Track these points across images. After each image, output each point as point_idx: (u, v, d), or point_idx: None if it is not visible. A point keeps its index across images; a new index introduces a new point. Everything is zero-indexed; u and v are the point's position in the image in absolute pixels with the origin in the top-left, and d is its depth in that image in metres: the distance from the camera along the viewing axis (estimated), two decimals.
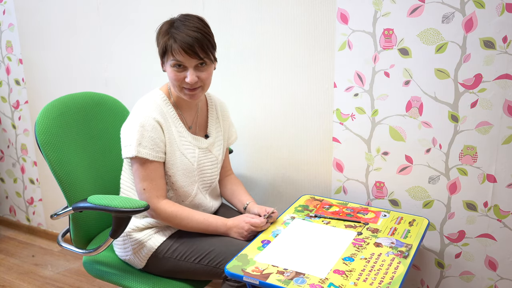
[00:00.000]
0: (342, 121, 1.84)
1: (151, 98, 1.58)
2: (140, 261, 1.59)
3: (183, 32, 1.46)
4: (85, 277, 2.44)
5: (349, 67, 1.77)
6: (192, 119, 1.66)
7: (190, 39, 1.45)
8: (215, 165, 1.69)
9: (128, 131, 1.54)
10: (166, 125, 1.55)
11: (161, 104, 1.57)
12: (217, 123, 1.74)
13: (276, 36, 1.88)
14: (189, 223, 1.55)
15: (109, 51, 2.30)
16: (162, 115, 1.55)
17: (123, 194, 1.65)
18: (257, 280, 1.30)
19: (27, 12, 2.50)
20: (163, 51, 1.51)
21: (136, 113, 1.55)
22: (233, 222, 1.56)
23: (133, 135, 1.51)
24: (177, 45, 1.45)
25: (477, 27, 1.55)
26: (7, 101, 2.75)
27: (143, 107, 1.55)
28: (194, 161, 1.61)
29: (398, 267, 1.37)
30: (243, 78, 1.99)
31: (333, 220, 1.64)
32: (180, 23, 1.49)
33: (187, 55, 1.46)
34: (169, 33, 1.48)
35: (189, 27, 1.47)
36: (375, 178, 1.84)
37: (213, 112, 1.73)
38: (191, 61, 1.48)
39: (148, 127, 1.51)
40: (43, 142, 1.58)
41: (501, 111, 1.59)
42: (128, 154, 1.52)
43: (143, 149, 1.50)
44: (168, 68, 1.51)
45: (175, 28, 1.48)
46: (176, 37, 1.46)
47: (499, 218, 1.68)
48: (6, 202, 2.99)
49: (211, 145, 1.68)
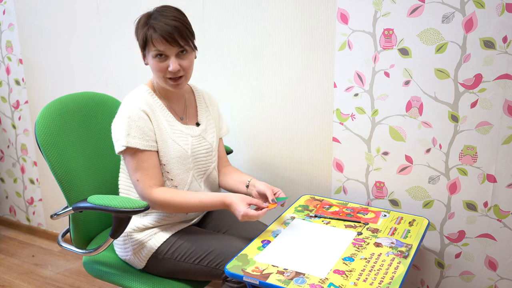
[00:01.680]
0: (342, 121, 1.84)
1: (136, 93, 1.60)
2: (140, 262, 1.59)
3: (161, 22, 1.49)
4: (85, 277, 2.44)
5: (349, 67, 1.77)
6: (182, 110, 1.67)
7: (169, 28, 1.48)
8: (209, 152, 1.69)
9: (116, 126, 1.55)
10: (153, 114, 1.56)
11: (146, 96, 1.59)
12: (207, 111, 1.75)
13: (276, 36, 1.88)
14: (184, 208, 1.54)
15: (109, 51, 2.30)
16: (148, 106, 1.56)
17: (123, 195, 1.65)
18: (257, 280, 1.30)
19: (27, 12, 2.50)
20: (143, 43, 1.52)
21: (122, 108, 1.56)
22: (231, 200, 1.49)
23: (121, 128, 1.52)
24: (157, 34, 1.48)
25: (477, 27, 1.55)
26: (7, 101, 2.75)
27: (128, 101, 1.57)
28: (187, 148, 1.61)
29: (398, 267, 1.37)
30: (243, 78, 1.99)
31: (333, 220, 1.64)
32: (158, 14, 1.52)
33: (168, 43, 1.49)
34: (147, 24, 1.51)
35: (167, 17, 1.50)
36: (375, 178, 1.84)
37: (201, 101, 1.75)
38: (172, 49, 1.50)
39: (134, 117, 1.52)
40: (43, 142, 1.58)
41: (501, 111, 1.59)
42: (119, 148, 1.53)
43: (132, 139, 1.51)
44: (150, 60, 1.54)
45: (153, 19, 1.51)
46: (155, 27, 1.48)
47: (499, 218, 1.68)
48: (6, 202, 2.99)
49: (203, 131, 1.69)
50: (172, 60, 1.51)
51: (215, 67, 2.03)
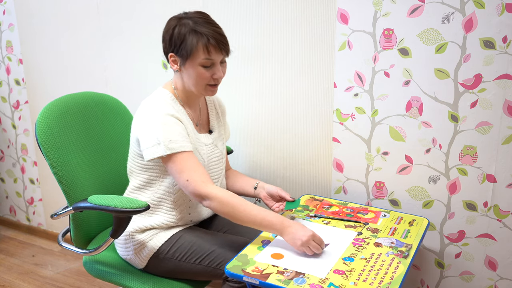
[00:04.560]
0: (342, 121, 1.84)
1: (160, 97, 1.55)
2: (141, 261, 1.59)
3: (210, 29, 1.47)
4: (85, 277, 2.44)
5: (349, 67, 1.77)
6: (197, 117, 1.66)
7: (221, 36, 1.49)
8: (221, 159, 1.69)
9: (149, 132, 1.48)
10: (181, 121, 1.54)
11: (171, 103, 1.56)
12: (218, 118, 1.75)
13: (276, 36, 1.88)
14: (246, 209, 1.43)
15: (109, 51, 2.30)
16: (176, 112, 1.54)
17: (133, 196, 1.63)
18: (257, 280, 1.30)
19: (27, 12, 2.50)
20: (190, 50, 1.47)
21: (151, 113, 1.51)
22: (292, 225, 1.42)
23: (157, 134, 1.47)
24: (213, 42, 1.46)
25: (477, 27, 1.55)
26: (7, 101, 2.75)
27: (156, 106, 1.52)
28: (205, 157, 1.61)
29: (398, 267, 1.37)
30: (243, 78, 1.99)
31: (333, 220, 1.64)
32: (202, 21, 1.49)
33: (220, 51, 1.49)
34: (196, 31, 1.47)
35: (214, 25, 1.50)
36: (375, 178, 1.84)
37: (213, 107, 1.74)
38: (220, 57, 1.51)
39: (170, 122, 1.49)
40: (43, 142, 1.58)
41: (501, 111, 1.59)
42: (157, 154, 1.46)
43: (175, 144, 1.46)
44: (194, 68, 1.49)
45: (201, 26, 1.47)
46: (208, 35, 1.46)
47: (499, 218, 1.68)
48: (6, 202, 2.99)
49: (215, 139, 1.68)
50: (219, 67, 1.51)
51: None
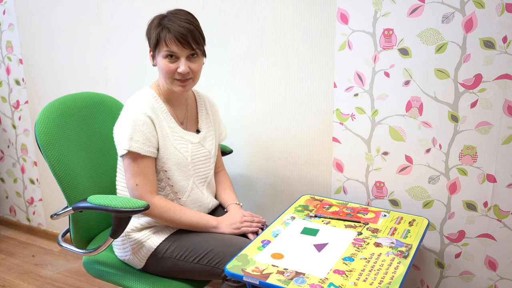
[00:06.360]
0: (342, 121, 1.84)
1: (141, 96, 1.60)
2: (139, 261, 1.59)
3: (175, 23, 1.50)
4: (85, 277, 2.44)
5: (349, 67, 1.77)
6: (183, 115, 1.67)
7: (183, 30, 1.50)
8: (208, 159, 1.70)
9: (120, 129, 1.55)
10: (157, 120, 1.56)
11: (151, 101, 1.58)
12: (207, 118, 1.75)
13: (276, 36, 1.88)
14: (182, 217, 1.57)
15: (109, 51, 2.30)
16: (153, 111, 1.56)
17: (120, 195, 1.65)
18: (257, 280, 1.30)
19: (27, 12, 2.50)
20: (155, 43, 1.53)
21: (126, 111, 1.56)
22: (224, 216, 1.63)
23: (124, 131, 1.52)
24: (171, 35, 1.49)
25: (477, 27, 1.55)
26: (7, 101, 2.75)
27: (133, 104, 1.57)
28: (187, 155, 1.62)
29: (398, 267, 1.37)
30: (242, 78, 1.99)
31: (333, 220, 1.64)
32: (172, 15, 1.54)
33: (181, 45, 1.50)
34: (161, 25, 1.52)
35: (181, 19, 1.52)
36: (375, 178, 1.84)
37: (203, 107, 1.75)
38: (183, 51, 1.52)
39: (139, 121, 1.52)
40: (43, 142, 1.58)
41: (501, 111, 1.59)
42: (121, 151, 1.53)
43: (135, 143, 1.51)
44: (160, 60, 1.54)
45: (167, 20, 1.52)
46: (169, 28, 1.50)
47: (499, 218, 1.68)
48: (6, 202, 2.99)
49: (203, 139, 1.69)
50: (183, 61, 1.52)
51: (215, 67, 2.03)
